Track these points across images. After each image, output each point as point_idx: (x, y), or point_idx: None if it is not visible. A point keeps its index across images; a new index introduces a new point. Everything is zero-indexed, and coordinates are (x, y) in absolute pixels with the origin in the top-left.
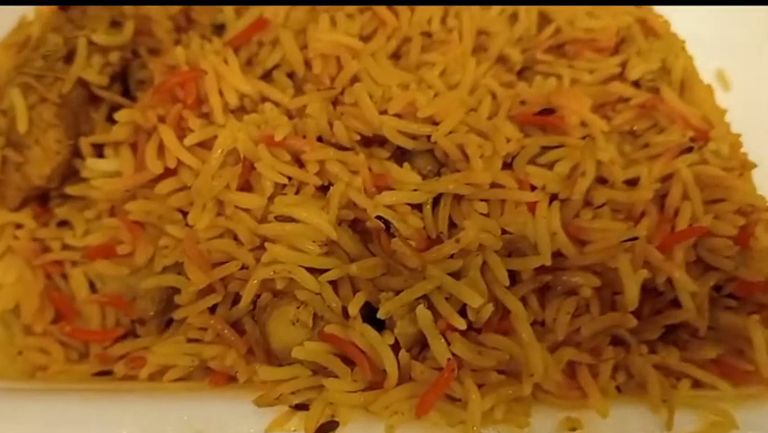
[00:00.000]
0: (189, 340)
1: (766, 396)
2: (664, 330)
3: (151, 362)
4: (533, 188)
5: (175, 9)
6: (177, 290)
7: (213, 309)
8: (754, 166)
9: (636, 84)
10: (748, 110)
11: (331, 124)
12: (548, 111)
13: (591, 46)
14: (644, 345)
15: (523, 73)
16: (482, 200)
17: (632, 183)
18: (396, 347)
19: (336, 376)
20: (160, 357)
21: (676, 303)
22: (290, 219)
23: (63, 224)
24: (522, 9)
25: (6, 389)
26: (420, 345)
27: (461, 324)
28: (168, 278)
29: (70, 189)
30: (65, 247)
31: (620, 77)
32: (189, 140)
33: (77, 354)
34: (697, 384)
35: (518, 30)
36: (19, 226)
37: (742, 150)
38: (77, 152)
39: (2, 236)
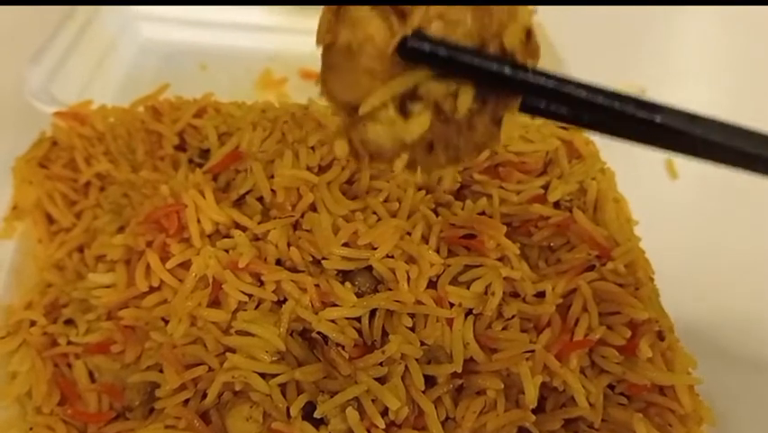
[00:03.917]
0: (167, 426)
1: None
2: (565, 422)
3: None
4: (452, 304)
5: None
6: (158, 385)
7: (186, 402)
8: (651, 281)
9: (557, 204)
10: None
11: (289, 245)
12: (471, 235)
13: (521, 168)
14: None
15: (461, 191)
16: (409, 314)
17: (542, 295)
18: None
19: None
20: None
21: (575, 399)
22: (248, 333)
23: (69, 322)
24: None
25: None
26: None
27: (381, 423)
28: (150, 375)
29: (76, 293)
30: (70, 342)
31: (543, 197)
32: (170, 264)
33: (77, 431)
34: None
35: None
36: (33, 323)
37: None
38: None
39: (19, 332)
